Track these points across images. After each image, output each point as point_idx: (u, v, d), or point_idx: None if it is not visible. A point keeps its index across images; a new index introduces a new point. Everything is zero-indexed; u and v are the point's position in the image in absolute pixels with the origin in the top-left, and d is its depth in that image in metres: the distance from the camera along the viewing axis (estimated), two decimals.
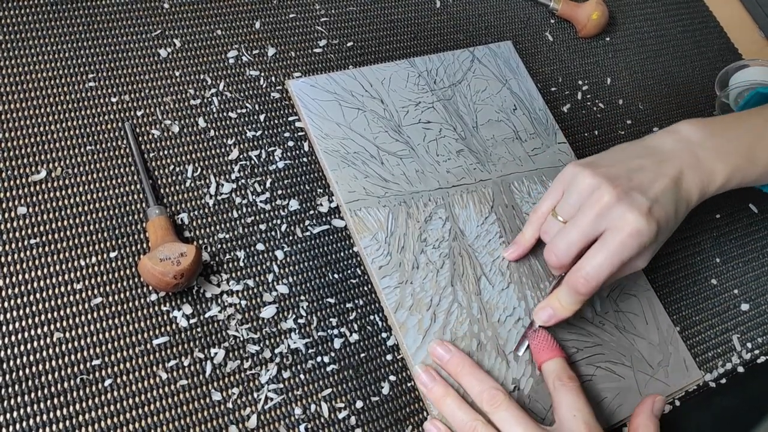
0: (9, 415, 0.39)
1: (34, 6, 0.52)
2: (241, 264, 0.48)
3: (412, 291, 0.49)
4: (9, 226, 0.44)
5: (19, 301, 0.42)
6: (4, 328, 0.41)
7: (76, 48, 0.51)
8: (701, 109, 0.73)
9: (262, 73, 0.56)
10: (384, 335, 0.49)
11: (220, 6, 0.57)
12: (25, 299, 0.43)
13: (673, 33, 0.78)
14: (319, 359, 0.46)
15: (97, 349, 0.42)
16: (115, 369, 0.42)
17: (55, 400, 0.40)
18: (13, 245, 0.44)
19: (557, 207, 0.48)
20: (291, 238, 0.50)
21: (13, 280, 0.43)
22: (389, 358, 0.48)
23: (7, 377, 0.40)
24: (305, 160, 0.53)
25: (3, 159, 0.46)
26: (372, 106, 0.56)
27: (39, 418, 0.40)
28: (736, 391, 0.57)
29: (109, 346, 0.43)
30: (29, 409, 0.40)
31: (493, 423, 0.43)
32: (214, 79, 0.54)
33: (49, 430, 0.40)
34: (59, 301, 0.43)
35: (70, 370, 0.41)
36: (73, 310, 0.43)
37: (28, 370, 0.41)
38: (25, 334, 0.42)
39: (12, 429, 0.39)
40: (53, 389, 0.41)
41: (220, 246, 0.48)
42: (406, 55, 0.62)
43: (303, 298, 0.48)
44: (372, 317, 0.49)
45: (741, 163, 0.48)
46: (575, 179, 0.46)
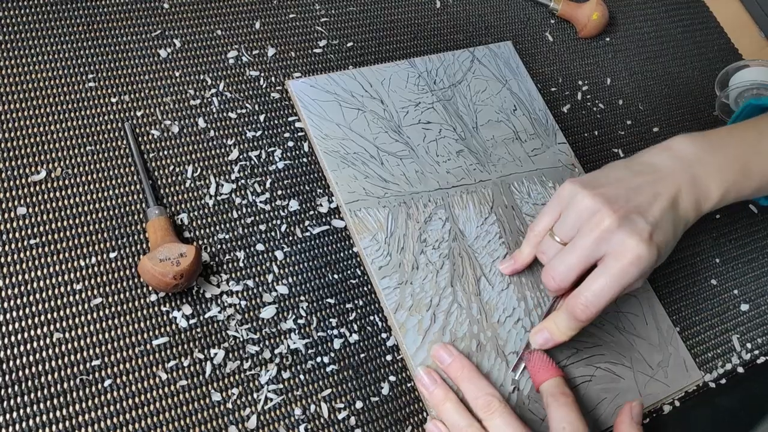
0: (9, 416, 0.39)
1: (34, 6, 0.52)
2: (241, 264, 0.48)
3: (412, 291, 0.49)
4: (9, 226, 0.44)
5: (19, 301, 0.42)
6: (4, 328, 0.41)
7: (76, 48, 0.51)
8: (701, 109, 0.73)
9: (262, 74, 0.56)
10: (384, 336, 0.49)
11: (220, 6, 0.57)
12: (25, 299, 0.43)
13: (673, 33, 0.78)
14: (318, 360, 0.47)
15: (97, 350, 0.42)
16: (115, 369, 0.42)
17: (55, 401, 0.40)
18: (13, 245, 0.44)
19: (555, 227, 0.47)
20: (291, 238, 0.50)
21: (13, 280, 0.43)
22: (389, 358, 0.48)
23: (7, 377, 0.40)
24: (305, 160, 0.53)
25: (3, 159, 0.46)
26: (372, 106, 0.56)
27: (39, 419, 0.40)
28: (736, 391, 0.57)
29: (109, 346, 0.43)
30: (29, 409, 0.40)
31: (487, 429, 0.43)
32: (214, 79, 0.54)
33: (49, 430, 0.40)
34: (59, 302, 0.43)
35: (69, 371, 0.41)
36: (73, 310, 0.43)
37: (27, 371, 0.41)
38: (25, 335, 0.42)
39: (12, 429, 0.39)
40: (53, 389, 0.41)
41: (219, 246, 0.48)
42: (406, 56, 0.62)
43: (303, 298, 0.48)
44: (372, 318, 0.49)
45: (736, 178, 0.48)
46: (574, 200, 0.46)
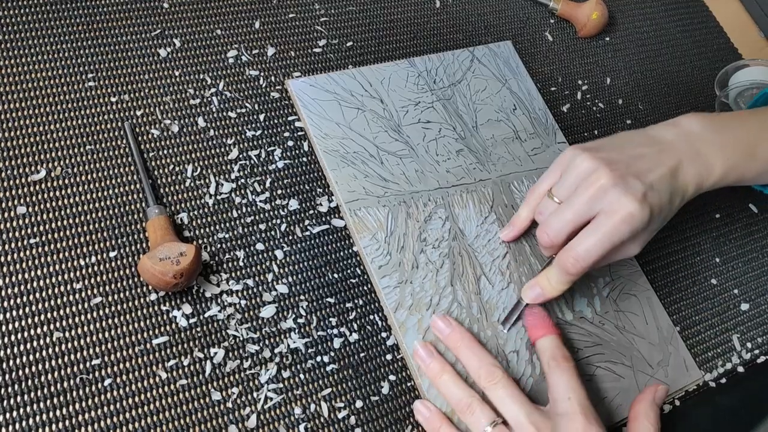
0: (9, 415, 0.39)
1: (34, 6, 0.52)
2: (241, 264, 0.48)
3: (412, 291, 0.49)
4: (9, 226, 0.44)
5: (19, 301, 0.42)
6: (4, 328, 0.41)
7: (76, 48, 0.51)
8: (701, 109, 0.73)
9: (262, 73, 0.56)
10: (384, 335, 0.49)
11: (219, 6, 0.57)
12: (25, 299, 0.42)
13: (673, 33, 0.78)
14: (318, 359, 0.46)
15: (97, 349, 0.42)
16: (115, 369, 0.42)
17: (55, 400, 0.40)
18: (13, 245, 0.44)
19: (554, 188, 0.48)
20: (290, 237, 0.50)
21: (13, 280, 0.43)
22: (389, 357, 0.48)
23: (6, 377, 0.40)
24: (305, 159, 0.53)
25: (3, 159, 0.46)
26: (371, 105, 0.56)
27: (39, 418, 0.40)
28: (736, 390, 0.56)
29: (109, 345, 0.43)
30: (29, 408, 0.40)
31: (489, 400, 0.43)
32: (213, 78, 0.54)
33: (48, 429, 0.40)
34: (59, 301, 0.43)
35: (69, 370, 0.41)
36: (73, 309, 0.43)
37: (27, 370, 0.41)
38: (25, 334, 0.42)
39: (12, 429, 0.39)
40: (53, 389, 0.41)
41: (219, 246, 0.48)
42: (406, 55, 0.62)
43: (303, 297, 0.48)
44: (372, 317, 0.49)
45: (740, 159, 0.48)
46: (574, 161, 0.47)
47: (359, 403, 0.46)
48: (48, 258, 0.44)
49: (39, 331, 0.42)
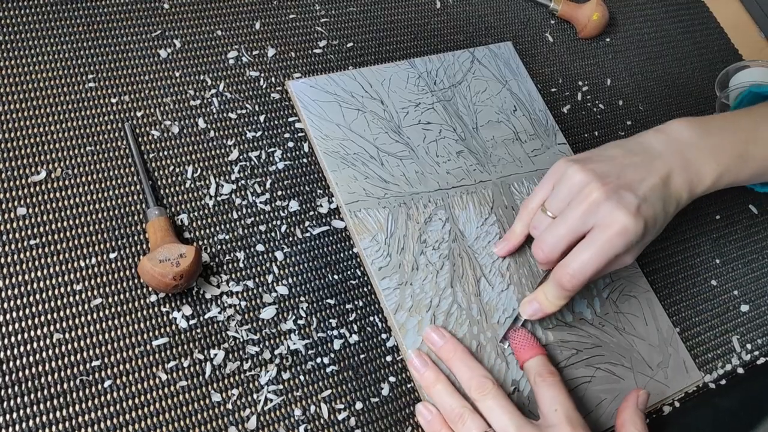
0: (9, 416, 0.39)
1: (34, 6, 0.52)
2: (241, 265, 0.48)
3: (412, 292, 0.49)
4: (9, 226, 0.44)
5: (19, 301, 0.42)
6: (4, 329, 0.41)
7: (76, 48, 0.51)
8: (701, 110, 0.73)
9: (262, 74, 0.56)
10: (384, 336, 0.49)
11: (220, 6, 0.57)
12: (25, 300, 0.43)
13: (674, 34, 0.78)
14: (318, 360, 0.47)
15: (97, 350, 0.42)
16: (115, 370, 0.42)
17: (55, 401, 0.40)
18: (13, 246, 0.44)
19: (547, 201, 0.48)
20: (291, 239, 0.50)
21: (13, 280, 0.43)
22: (389, 359, 0.48)
23: (7, 378, 0.40)
24: (305, 161, 0.53)
25: (3, 159, 0.46)
26: (372, 107, 0.56)
27: (39, 419, 0.40)
28: (735, 392, 0.57)
29: (109, 347, 0.43)
30: (29, 409, 0.40)
31: (480, 411, 0.43)
32: (214, 79, 0.54)
33: (49, 431, 0.40)
34: (59, 302, 0.43)
35: (70, 371, 0.41)
36: (73, 310, 0.43)
37: (28, 371, 0.41)
38: (25, 335, 0.42)
39: (12, 430, 0.39)
40: (53, 390, 0.41)
41: (219, 247, 0.48)
42: (406, 56, 0.62)
43: (303, 299, 0.48)
44: (372, 318, 0.49)
45: (732, 162, 0.48)
46: (566, 174, 0.47)
47: (359, 405, 0.46)
48: (48, 259, 0.44)
49: (39, 332, 0.42)
